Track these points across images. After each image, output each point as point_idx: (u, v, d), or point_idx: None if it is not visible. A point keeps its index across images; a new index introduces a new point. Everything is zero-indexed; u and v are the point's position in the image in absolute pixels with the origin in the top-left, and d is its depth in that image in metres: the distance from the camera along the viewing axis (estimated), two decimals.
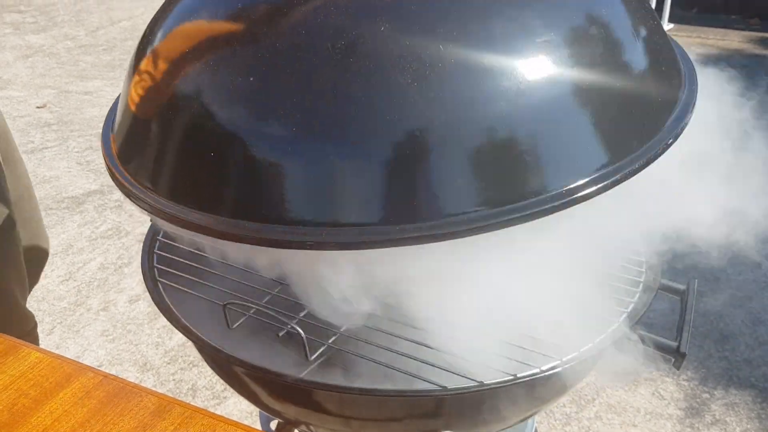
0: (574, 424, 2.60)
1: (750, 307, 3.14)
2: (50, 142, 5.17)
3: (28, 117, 5.61)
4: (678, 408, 2.66)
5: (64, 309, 3.37)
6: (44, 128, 5.41)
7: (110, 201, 4.32)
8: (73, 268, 3.67)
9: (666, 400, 2.70)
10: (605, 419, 2.62)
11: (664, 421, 2.60)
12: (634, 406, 2.68)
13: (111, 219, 4.13)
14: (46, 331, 3.19)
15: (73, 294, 3.48)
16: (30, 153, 4.95)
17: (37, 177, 4.59)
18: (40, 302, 3.39)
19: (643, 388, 2.75)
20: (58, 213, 4.18)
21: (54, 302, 3.41)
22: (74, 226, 4.05)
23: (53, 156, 4.95)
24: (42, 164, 4.81)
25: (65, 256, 3.76)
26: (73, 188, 4.50)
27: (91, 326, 3.23)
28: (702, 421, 2.60)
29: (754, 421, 2.59)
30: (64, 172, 4.70)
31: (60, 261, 3.72)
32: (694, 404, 2.68)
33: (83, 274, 3.63)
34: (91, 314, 3.31)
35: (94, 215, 4.18)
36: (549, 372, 0.98)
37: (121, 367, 2.95)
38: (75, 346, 3.11)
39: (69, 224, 4.07)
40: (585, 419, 2.62)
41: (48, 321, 3.26)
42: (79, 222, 4.10)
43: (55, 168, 4.77)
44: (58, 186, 4.51)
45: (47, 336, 3.16)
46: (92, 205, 4.28)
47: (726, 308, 3.16)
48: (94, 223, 4.09)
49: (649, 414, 2.64)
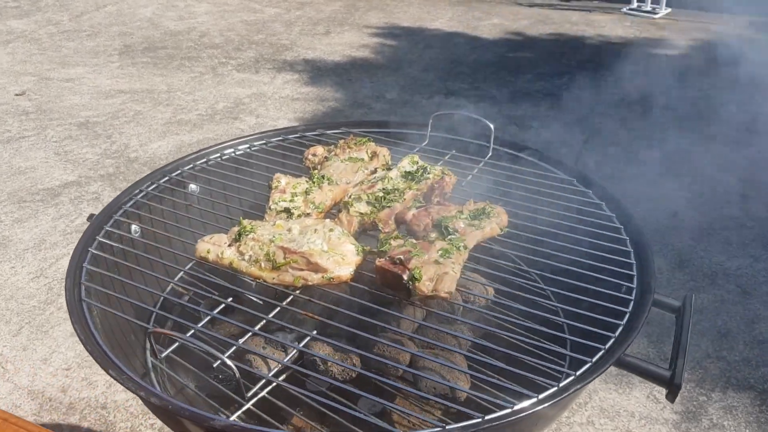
0: (565, 430, 2.46)
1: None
2: (28, 131, 4.99)
3: (5, 105, 5.42)
4: (674, 412, 2.52)
5: (33, 308, 3.21)
6: (22, 116, 5.22)
7: (87, 193, 4.15)
8: (44, 264, 3.51)
9: (661, 404, 2.55)
10: (597, 424, 2.48)
11: (659, 426, 2.46)
12: (628, 409, 2.54)
13: (87, 212, 3.96)
14: (12, 332, 3.04)
15: (43, 292, 3.33)
16: (5, 143, 4.77)
17: (11, 168, 4.42)
18: (8, 301, 3.23)
19: (637, 391, 2.60)
20: (31, 206, 4.01)
21: (23, 300, 3.25)
22: (48, 220, 3.88)
23: (30, 146, 4.77)
24: (18, 154, 4.63)
25: (37, 252, 3.60)
26: (49, 179, 4.33)
27: (61, 326, 3.08)
28: (699, 426, 2.46)
29: (753, 425, 2.45)
30: (40, 163, 4.53)
31: (31, 257, 3.56)
32: (691, 407, 2.53)
33: (55, 270, 3.47)
34: (61, 313, 3.15)
35: (69, 208, 4.01)
36: None
37: (89, 370, 2.81)
38: (43, 347, 2.96)
39: (42, 218, 3.90)
40: (576, 425, 2.48)
41: (15, 321, 3.11)
42: (53, 215, 3.93)
43: (31, 158, 4.59)
44: (34, 177, 4.34)
45: (13, 337, 3.01)
46: (68, 198, 4.11)
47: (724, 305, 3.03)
48: (70, 216, 3.93)
49: (644, 419, 2.50)
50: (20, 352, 2.94)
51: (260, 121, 5.12)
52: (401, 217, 1.40)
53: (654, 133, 4.81)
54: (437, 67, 6.32)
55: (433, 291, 1.18)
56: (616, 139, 4.74)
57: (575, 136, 4.84)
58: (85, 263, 1.26)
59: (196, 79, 6.00)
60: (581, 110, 5.29)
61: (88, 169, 4.46)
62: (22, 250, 3.64)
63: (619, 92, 5.48)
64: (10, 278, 3.43)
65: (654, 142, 4.67)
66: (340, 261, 1.24)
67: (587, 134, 4.85)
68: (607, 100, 5.42)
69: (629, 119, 5.07)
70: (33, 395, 2.73)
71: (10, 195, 4.14)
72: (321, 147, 1.74)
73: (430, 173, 1.55)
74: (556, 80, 5.97)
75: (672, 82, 5.71)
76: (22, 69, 6.20)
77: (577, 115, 5.19)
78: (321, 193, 1.49)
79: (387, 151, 1.70)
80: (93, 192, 4.17)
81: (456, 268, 1.24)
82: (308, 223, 1.33)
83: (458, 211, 1.40)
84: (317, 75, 6.12)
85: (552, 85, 5.87)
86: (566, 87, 5.80)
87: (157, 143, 4.78)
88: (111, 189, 4.18)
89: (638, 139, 4.75)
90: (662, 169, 4.23)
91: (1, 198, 4.11)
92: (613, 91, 5.52)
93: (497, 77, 6.01)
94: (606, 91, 5.60)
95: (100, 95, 5.65)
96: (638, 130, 4.93)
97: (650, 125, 4.98)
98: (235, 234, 1.32)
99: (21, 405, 2.69)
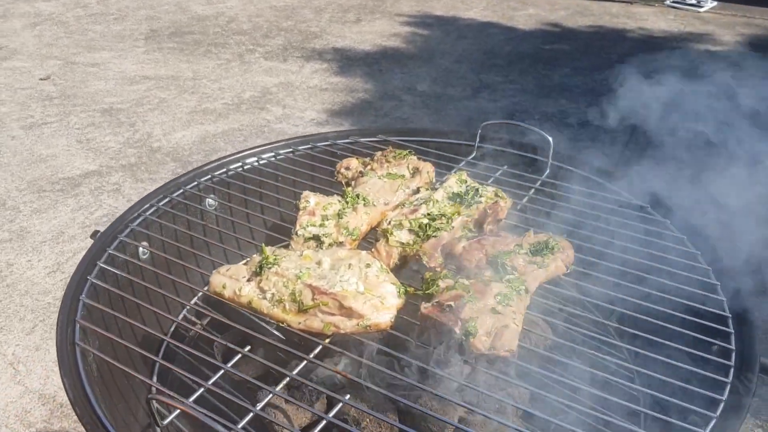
0: None
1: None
2: (51, 117, 4.88)
3: (30, 89, 5.32)
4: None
5: (48, 305, 3.09)
6: (45, 102, 5.12)
7: (108, 184, 4.02)
8: (62, 258, 3.39)
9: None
10: None
11: None
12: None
13: (107, 204, 3.84)
14: (26, 330, 2.92)
15: (59, 288, 3.20)
16: (28, 128, 4.66)
17: (33, 155, 4.31)
18: (23, 296, 3.11)
19: None
20: (51, 196, 3.89)
21: (38, 297, 3.13)
22: (67, 211, 3.76)
23: (52, 132, 4.66)
24: (39, 141, 4.52)
25: (54, 245, 3.48)
26: (69, 168, 4.20)
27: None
28: None
29: None
30: (62, 151, 4.41)
31: (48, 250, 3.44)
32: None
33: (72, 265, 3.33)
34: None
35: (89, 199, 3.88)
36: None
37: None
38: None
39: (62, 209, 3.78)
40: None
41: (29, 318, 2.99)
42: (72, 206, 3.81)
43: (53, 146, 4.48)
44: (55, 166, 4.23)
45: (27, 336, 2.89)
46: (88, 188, 3.98)
47: None
48: (89, 208, 3.80)
49: None
50: (33, 353, 2.82)
51: (287, 112, 4.94)
52: (449, 250, 1.19)
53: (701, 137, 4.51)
54: (471, 58, 6.06)
55: (490, 349, 0.98)
56: (661, 143, 4.45)
57: (616, 137, 4.57)
58: (82, 295, 1.08)
59: (222, 66, 5.84)
60: (623, 108, 5.02)
61: (109, 159, 4.33)
62: (39, 243, 3.53)
63: (663, 91, 5.18)
64: (26, 272, 3.31)
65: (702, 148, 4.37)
66: (379, 306, 1.04)
67: (629, 136, 4.57)
68: (651, 98, 5.13)
69: (675, 122, 4.77)
70: (44, 400, 2.60)
71: (30, 183, 4.03)
72: (355, 159, 1.53)
73: (482, 196, 1.33)
74: (596, 75, 5.67)
75: (722, 80, 5.39)
76: (48, 52, 6.10)
77: (619, 113, 4.92)
78: (356, 217, 1.29)
79: (431, 168, 1.48)
80: (114, 183, 4.03)
81: (517, 319, 1.03)
82: (341, 256, 1.13)
83: (516, 245, 1.19)
84: (347, 64, 5.91)
85: (591, 80, 5.58)
86: (606, 82, 5.50)
87: (181, 133, 4.63)
88: (132, 180, 4.05)
89: (689, 146, 4.45)
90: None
91: (21, 186, 4.00)
92: (656, 90, 5.23)
93: (533, 70, 5.74)
94: (649, 89, 5.30)
95: (125, 81, 5.52)
96: (687, 133, 4.63)
97: (701, 127, 4.67)
98: (256, 266, 1.12)
99: (31, 410, 2.57)
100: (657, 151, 4.54)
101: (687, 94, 4.88)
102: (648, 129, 4.78)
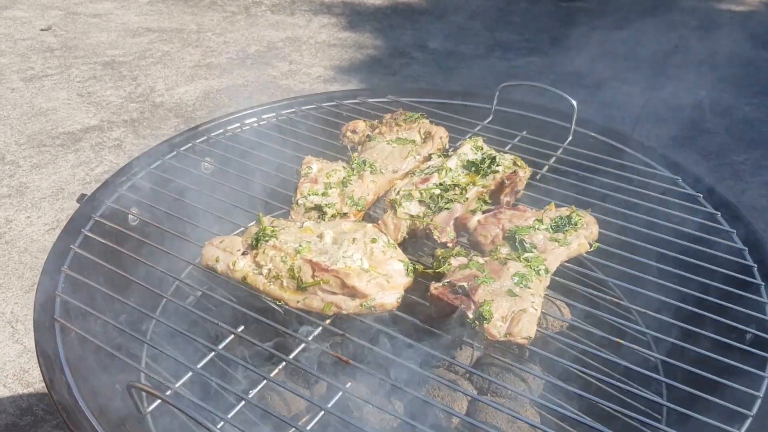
0: None
1: None
2: (51, 69, 4.75)
3: (30, 40, 5.17)
4: None
5: None
6: (46, 53, 4.97)
7: (109, 139, 3.92)
8: (61, 216, 3.32)
9: None
10: None
11: None
12: None
13: (108, 160, 3.75)
14: (24, 288, 2.87)
15: None
16: (28, 81, 4.54)
17: (33, 108, 4.20)
18: (21, 253, 3.06)
19: None
20: (51, 150, 3.80)
21: (37, 254, 3.08)
22: (67, 167, 3.67)
23: (53, 85, 4.53)
24: (40, 94, 4.40)
25: (54, 201, 3.41)
26: (70, 123, 4.10)
27: None
28: None
29: None
30: (62, 104, 4.30)
31: (48, 206, 3.37)
32: None
33: None
34: None
35: (90, 155, 3.79)
36: None
37: None
38: None
39: (62, 164, 3.69)
40: None
41: (28, 276, 2.93)
42: (73, 162, 3.72)
43: (53, 99, 4.36)
44: (55, 120, 4.12)
45: (25, 294, 2.85)
46: (89, 143, 3.89)
47: None
48: (90, 164, 3.71)
49: None
50: (31, 311, 2.77)
51: (294, 68, 4.79)
52: (463, 224, 1.09)
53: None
54: (485, 14, 5.84)
55: (506, 335, 0.89)
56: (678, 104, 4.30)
57: (633, 99, 4.41)
58: (64, 266, 0.99)
59: (228, 19, 5.65)
60: (641, 69, 4.83)
61: (111, 113, 4.22)
62: (38, 199, 3.46)
63: (683, 51, 4.97)
64: (25, 228, 3.25)
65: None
66: (384, 284, 0.96)
67: (646, 99, 4.41)
68: (671, 58, 4.93)
69: (696, 82, 4.59)
70: None
71: (30, 138, 3.94)
72: (362, 122, 1.42)
73: (499, 164, 1.22)
74: (615, 33, 5.46)
75: (743, 43, 5.17)
76: (49, 2, 5.93)
77: (637, 74, 4.73)
78: (361, 185, 1.19)
79: (444, 132, 1.37)
80: (115, 138, 3.93)
81: (536, 302, 0.94)
82: (345, 229, 1.04)
83: (536, 220, 1.09)
84: (356, 19, 5.70)
85: (609, 38, 5.38)
86: (625, 42, 5.30)
87: (184, 88, 4.50)
88: (134, 136, 3.95)
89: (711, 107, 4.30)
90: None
91: (21, 140, 3.91)
92: (677, 50, 5.02)
93: (550, 28, 5.53)
94: (669, 49, 5.09)
95: (128, 33, 5.36)
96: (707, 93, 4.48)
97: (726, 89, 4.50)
98: (252, 238, 1.03)
99: (29, 370, 2.54)
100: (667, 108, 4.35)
101: (701, 55, 4.65)
102: (665, 89, 4.59)
